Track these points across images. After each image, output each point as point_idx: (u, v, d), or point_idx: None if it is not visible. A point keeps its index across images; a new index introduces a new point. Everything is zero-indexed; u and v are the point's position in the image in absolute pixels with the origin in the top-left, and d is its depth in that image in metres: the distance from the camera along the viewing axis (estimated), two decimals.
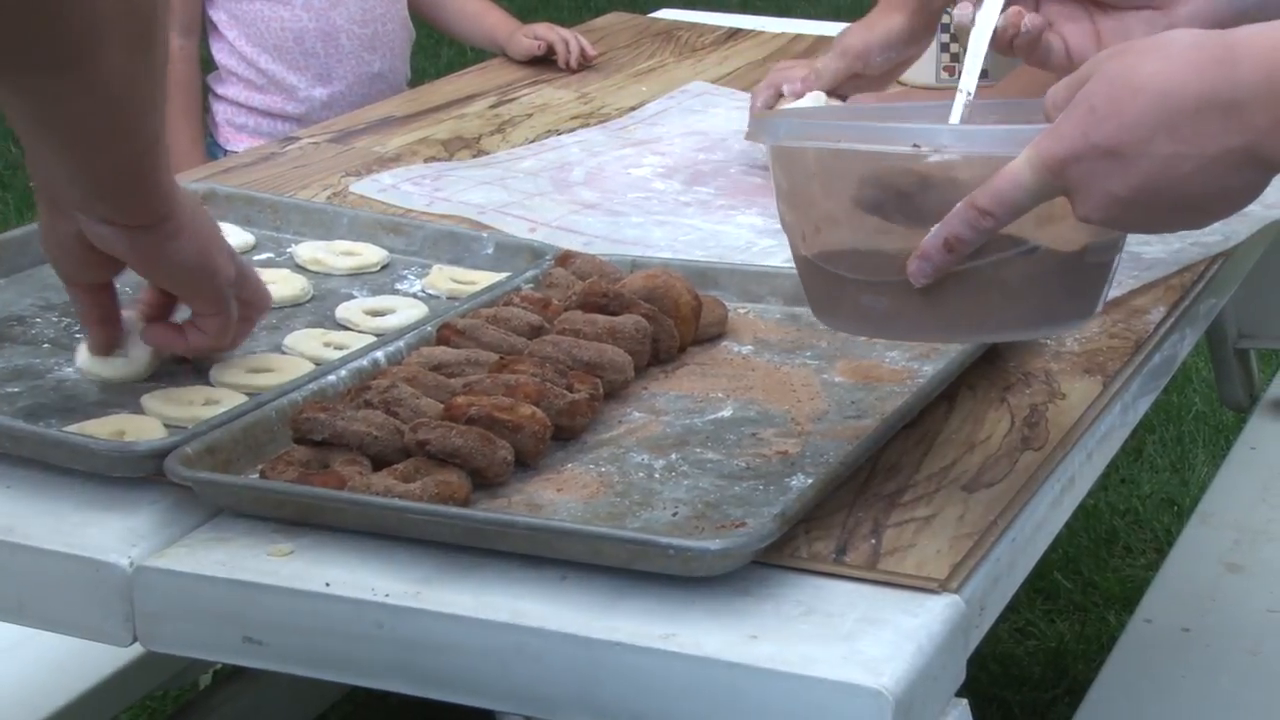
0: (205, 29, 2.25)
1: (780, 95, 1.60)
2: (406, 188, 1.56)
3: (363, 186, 1.56)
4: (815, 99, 1.57)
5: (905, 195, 0.93)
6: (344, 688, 1.95)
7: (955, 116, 1.02)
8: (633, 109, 1.85)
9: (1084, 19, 1.02)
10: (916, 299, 0.94)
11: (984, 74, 1.03)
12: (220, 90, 2.24)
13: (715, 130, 1.76)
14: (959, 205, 0.91)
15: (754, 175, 1.63)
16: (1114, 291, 1.33)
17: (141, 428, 1.08)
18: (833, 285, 0.98)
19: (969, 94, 1.02)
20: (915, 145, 0.92)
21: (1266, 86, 0.84)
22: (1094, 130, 0.87)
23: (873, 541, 0.98)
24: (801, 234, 0.98)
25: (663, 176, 1.63)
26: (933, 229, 0.92)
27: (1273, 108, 0.84)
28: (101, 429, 1.08)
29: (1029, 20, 1.07)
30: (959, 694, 0.94)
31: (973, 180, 0.91)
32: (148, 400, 1.12)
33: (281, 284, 1.30)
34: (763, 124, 1.01)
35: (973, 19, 1.04)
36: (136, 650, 1.26)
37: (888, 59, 1.59)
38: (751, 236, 1.48)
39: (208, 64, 2.27)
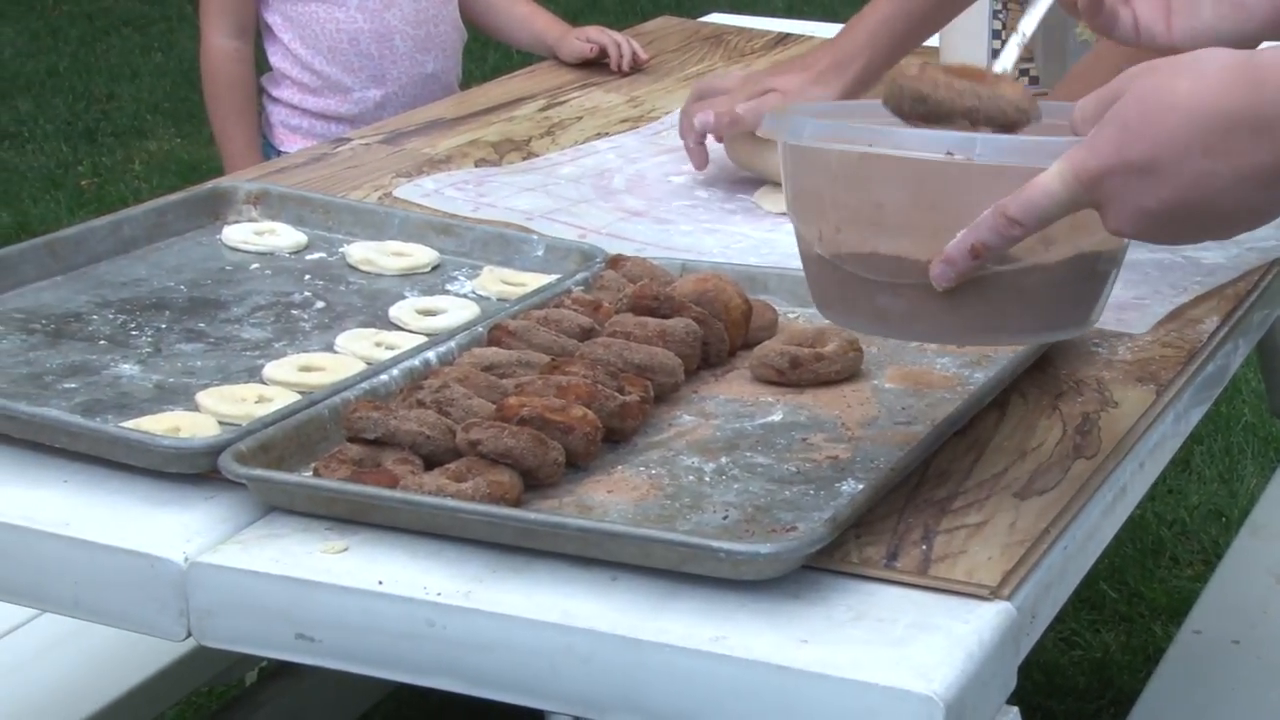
0: (260, 31, 2.26)
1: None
2: (450, 193, 1.57)
3: (406, 191, 1.57)
4: None
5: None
6: (388, 686, 1.96)
7: (1009, 57, 1.03)
8: (669, 114, 1.85)
9: None
10: (934, 302, 0.95)
11: (1034, 80, 1.04)
12: (275, 92, 2.26)
13: None
14: (987, 213, 0.92)
15: None
16: (1178, 298, 1.32)
17: (196, 424, 1.09)
18: (848, 284, 0.99)
19: (1025, 35, 1.03)
20: (949, 153, 0.93)
21: None
22: (1128, 146, 0.88)
23: (924, 547, 0.97)
24: (819, 233, 0.99)
25: (703, 184, 1.63)
26: (958, 234, 0.93)
27: None
28: (157, 425, 1.09)
29: None
30: (1009, 702, 0.93)
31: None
32: (202, 397, 1.13)
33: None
34: (784, 121, 1.01)
35: None
36: (185, 646, 1.27)
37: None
38: None
39: (262, 66, 2.28)
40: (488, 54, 4.89)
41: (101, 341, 1.24)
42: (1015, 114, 0.99)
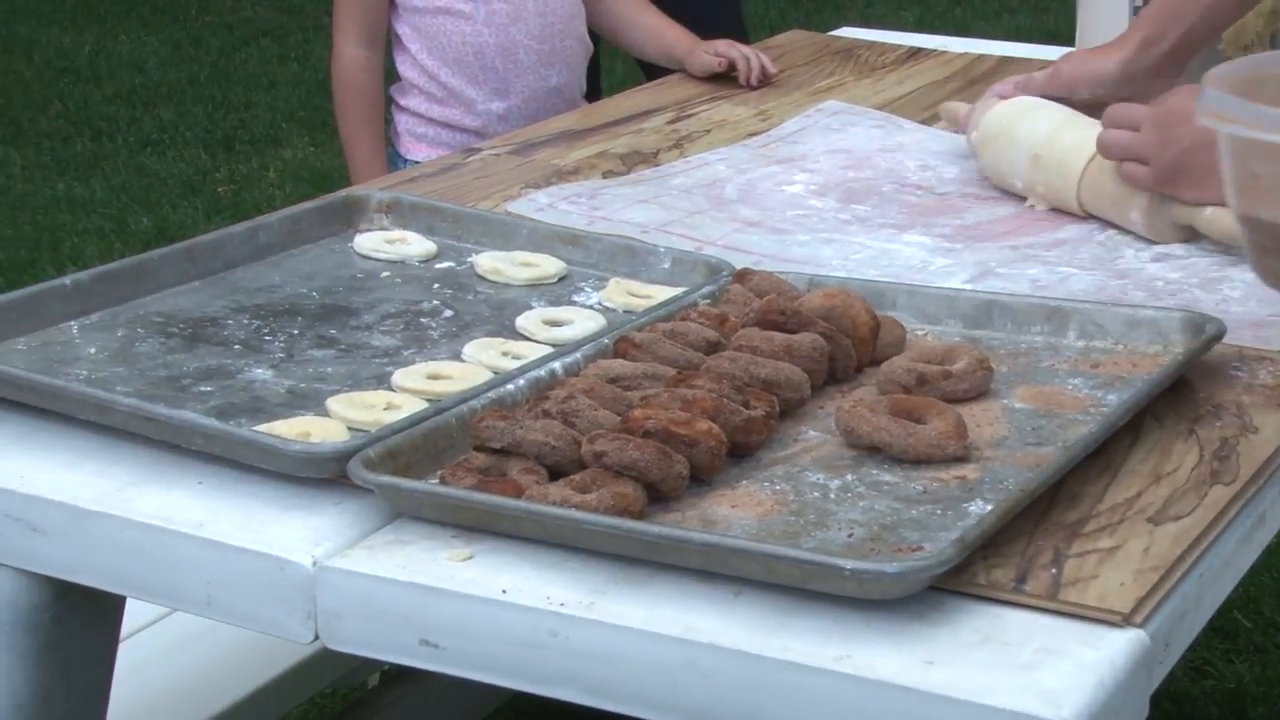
0: (391, 41, 2.29)
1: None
2: (564, 207, 1.57)
3: (520, 206, 1.57)
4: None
5: None
6: (508, 694, 1.97)
7: None
8: (779, 125, 1.83)
9: None
10: None
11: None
12: (403, 101, 2.29)
13: (858, 148, 1.75)
14: None
15: (907, 194, 1.61)
16: None
17: (326, 430, 1.11)
18: (1250, 244, 1.09)
19: None
20: None
21: None
22: None
23: (1053, 571, 0.96)
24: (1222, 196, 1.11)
25: (816, 194, 1.62)
26: None
27: None
28: (288, 430, 1.10)
29: None
30: None
31: None
32: (332, 403, 1.15)
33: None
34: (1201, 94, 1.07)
35: None
36: (310, 648, 1.28)
37: (1094, 94, 1.62)
38: (925, 256, 1.46)
39: (392, 75, 2.32)
40: (616, 66, 4.91)
41: (236, 346, 1.26)
42: (927, 451, 1.06)
